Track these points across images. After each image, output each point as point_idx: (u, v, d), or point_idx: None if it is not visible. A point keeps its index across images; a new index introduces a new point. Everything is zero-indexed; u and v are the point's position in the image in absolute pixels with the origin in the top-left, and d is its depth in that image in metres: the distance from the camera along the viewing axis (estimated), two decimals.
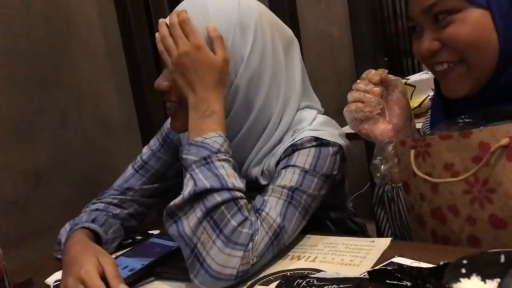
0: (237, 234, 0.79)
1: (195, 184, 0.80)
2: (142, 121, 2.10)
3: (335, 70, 2.59)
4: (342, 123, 2.57)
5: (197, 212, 0.78)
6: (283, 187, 0.88)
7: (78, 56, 1.61)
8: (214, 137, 0.84)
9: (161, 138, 1.13)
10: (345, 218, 1.11)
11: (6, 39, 1.51)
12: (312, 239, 0.94)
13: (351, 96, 0.92)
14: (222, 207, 0.79)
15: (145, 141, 1.22)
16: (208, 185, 0.79)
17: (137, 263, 0.89)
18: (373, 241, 0.88)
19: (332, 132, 0.96)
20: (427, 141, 0.80)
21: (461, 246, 0.79)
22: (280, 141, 0.97)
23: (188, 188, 0.80)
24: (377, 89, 0.91)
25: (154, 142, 1.14)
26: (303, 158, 0.91)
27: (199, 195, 0.79)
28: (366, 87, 0.92)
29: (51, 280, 0.94)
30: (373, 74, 0.93)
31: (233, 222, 0.79)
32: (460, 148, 0.75)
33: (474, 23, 0.79)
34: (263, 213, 0.84)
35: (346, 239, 0.92)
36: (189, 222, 0.78)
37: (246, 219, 0.81)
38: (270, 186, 0.89)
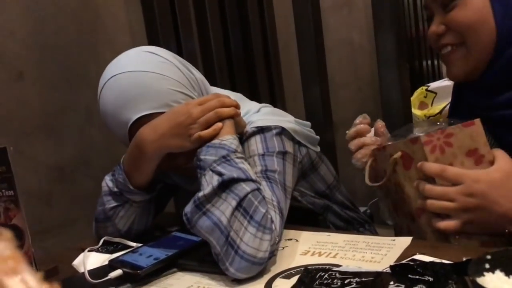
0: (265, 219, 0.82)
1: (221, 175, 0.83)
2: None
3: (356, 76, 2.60)
4: None
5: (231, 201, 0.81)
6: (255, 173, 0.92)
7: (105, 55, 1.64)
8: (230, 139, 0.90)
9: None
10: (329, 205, 1.14)
11: (38, 37, 1.55)
12: (332, 237, 0.95)
13: (352, 145, 1.01)
14: (250, 195, 0.83)
15: None
16: (235, 175, 0.83)
17: (161, 253, 0.90)
18: (394, 240, 0.89)
19: (277, 119, 1.04)
20: (374, 152, 0.95)
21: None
22: None
23: (214, 179, 0.83)
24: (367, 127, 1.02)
25: None
26: (254, 147, 0.98)
27: (226, 185, 0.82)
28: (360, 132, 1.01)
29: (77, 263, 0.96)
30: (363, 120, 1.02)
31: (262, 209, 0.82)
32: (384, 158, 0.92)
33: (475, 7, 0.88)
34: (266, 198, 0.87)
35: (367, 237, 0.93)
36: (223, 212, 0.80)
37: (268, 206, 0.85)
38: None
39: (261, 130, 1.00)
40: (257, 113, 1.06)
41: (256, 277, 0.81)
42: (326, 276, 0.71)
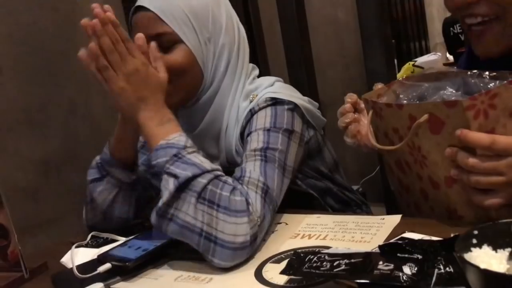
0: (233, 202, 0.81)
1: (176, 177, 0.81)
2: None
3: (342, 54, 2.58)
4: None
5: (190, 199, 0.80)
6: (254, 150, 0.92)
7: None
8: (176, 137, 0.86)
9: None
10: (331, 187, 1.13)
11: (14, 29, 1.52)
12: (322, 218, 0.94)
13: (341, 122, 1.00)
14: (209, 186, 0.81)
15: None
16: (190, 174, 0.81)
17: (149, 245, 0.89)
18: (383, 219, 0.89)
19: (289, 94, 1.02)
20: (378, 105, 0.85)
21: (418, 198, 0.86)
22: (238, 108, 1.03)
23: (170, 183, 0.80)
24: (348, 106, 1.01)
25: None
26: (262, 120, 0.97)
27: (184, 186, 0.80)
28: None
29: (65, 259, 0.95)
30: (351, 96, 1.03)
31: (225, 193, 0.81)
32: (398, 117, 0.81)
33: None
34: (246, 178, 0.87)
35: (356, 218, 0.92)
36: (186, 211, 0.79)
37: (234, 188, 0.83)
38: (244, 154, 0.93)
39: (275, 102, 0.99)
40: (271, 87, 1.04)
41: (246, 263, 0.81)
42: (315, 259, 0.70)
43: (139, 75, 0.87)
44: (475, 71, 0.80)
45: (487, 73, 0.78)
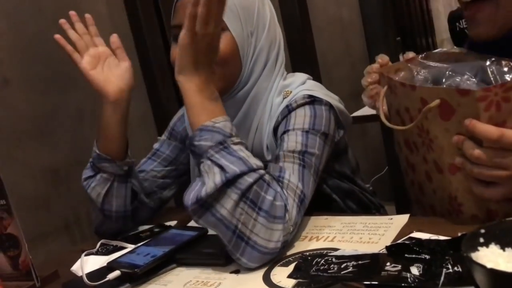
0: (274, 208, 0.80)
1: (223, 170, 0.79)
2: (157, 115, 2.12)
3: (348, 53, 2.57)
4: (357, 107, 2.56)
5: (232, 196, 0.79)
6: (293, 151, 0.91)
7: None
8: (223, 122, 0.84)
9: (167, 132, 1.20)
10: (354, 190, 1.13)
11: (20, 39, 1.53)
12: (330, 220, 0.94)
13: (364, 80, 0.99)
14: (254, 186, 0.80)
15: (161, 133, 1.25)
16: (238, 171, 0.79)
17: (158, 251, 0.90)
18: (391, 219, 0.88)
19: (324, 92, 1.02)
20: (393, 82, 0.84)
21: (422, 179, 0.87)
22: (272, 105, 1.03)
23: (217, 174, 0.79)
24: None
25: (164, 134, 1.20)
26: (301, 119, 0.96)
27: (231, 181, 0.79)
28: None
29: (75, 267, 0.96)
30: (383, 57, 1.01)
31: (269, 197, 0.80)
32: (410, 97, 0.80)
33: None
34: (285, 181, 0.86)
35: (364, 218, 0.92)
36: (224, 206, 0.78)
37: (276, 192, 0.82)
38: (280, 153, 0.92)
39: (313, 100, 0.98)
40: (304, 84, 1.04)
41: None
42: (322, 261, 0.70)
43: (212, 40, 0.84)
44: (494, 58, 0.78)
45: (506, 62, 0.76)
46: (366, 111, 2.44)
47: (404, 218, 0.86)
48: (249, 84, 1.02)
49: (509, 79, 0.75)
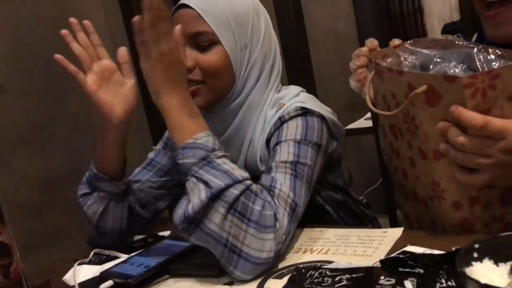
0: (263, 217, 0.80)
1: (208, 186, 0.79)
2: (152, 125, 2.12)
3: (343, 65, 2.59)
4: (351, 119, 2.56)
5: (219, 209, 0.78)
6: (285, 162, 0.91)
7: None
8: (205, 137, 0.85)
9: (162, 142, 1.20)
10: (348, 201, 1.13)
11: (16, 48, 1.53)
12: (324, 232, 0.94)
13: (352, 64, 1.00)
14: (242, 198, 0.80)
15: (156, 143, 1.25)
16: (223, 184, 0.79)
17: (151, 261, 0.89)
18: (385, 232, 0.88)
19: (316, 105, 1.03)
20: (380, 68, 0.85)
21: (406, 165, 0.88)
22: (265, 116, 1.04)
23: (202, 191, 0.79)
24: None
25: (159, 144, 1.20)
26: (293, 131, 0.96)
27: (216, 196, 0.79)
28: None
29: (68, 277, 0.95)
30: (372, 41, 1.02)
31: (257, 207, 0.80)
32: (397, 83, 0.80)
33: None
34: (276, 190, 0.86)
35: (358, 231, 0.92)
36: (213, 220, 0.78)
37: (265, 201, 0.82)
38: (273, 164, 0.92)
39: (305, 112, 0.99)
40: (298, 97, 1.05)
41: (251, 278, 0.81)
42: (316, 274, 0.70)
43: (172, 56, 0.85)
44: (482, 46, 0.79)
45: (493, 50, 0.77)
46: (360, 123, 2.45)
47: (398, 232, 0.87)
48: (243, 95, 1.02)
49: (495, 66, 0.75)
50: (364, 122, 2.42)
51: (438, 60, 0.80)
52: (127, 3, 1.80)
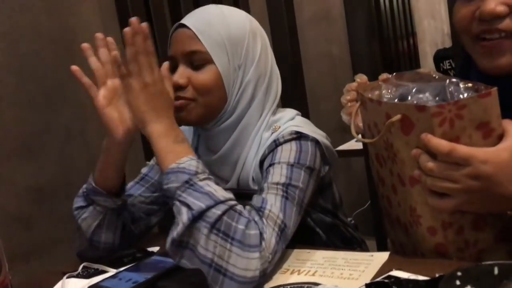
0: (248, 237, 0.82)
1: (189, 208, 0.81)
2: (145, 139, 2.12)
3: (336, 88, 2.62)
4: (342, 140, 2.59)
5: (202, 230, 0.80)
6: (277, 183, 0.93)
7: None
8: (188, 161, 0.87)
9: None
10: (338, 224, 1.14)
11: (13, 58, 1.54)
12: (312, 254, 0.95)
13: (343, 98, 1.03)
14: (224, 217, 0.82)
15: (148, 156, 1.25)
16: (204, 206, 0.81)
17: (140, 277, 0.90)
18: (372, 255, 0.90)
19: (311, 129, 1.04)
20: (364, 98, 0.89)
21: (389, 192, 0.91)
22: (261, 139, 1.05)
23: (184, 214, 0.81)
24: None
25: (153, 159, 1.20)
26: (287, 154, 0.98)
27: (198, 217, 0.81)
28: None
29: None
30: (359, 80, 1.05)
31: (240, 226, 0.82)
32: (378, 112, 0.85)
33: None
34: (266, 211, 0.88)
35: (345, 254, 0.93)
36: (197, 241, 0.80)
37: (249, 220, 0.84)
38: (265, 185, 0.94)
39: (299, 136, 1.00)
40: (293, 120, 1.07)
41: None
42: None
43: (155, 87, 0.89)
44: (455, 79, 0.82)
45: (464, 82, 0.80)
46: (351, 145, 2.48)
47: (384, 256, 0.88)
48: (235, 115, 1.04)
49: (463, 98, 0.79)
50: (355, 143, 2.45)
51: (415, 92, 0.84)
52: (126, 21, 1.82)
